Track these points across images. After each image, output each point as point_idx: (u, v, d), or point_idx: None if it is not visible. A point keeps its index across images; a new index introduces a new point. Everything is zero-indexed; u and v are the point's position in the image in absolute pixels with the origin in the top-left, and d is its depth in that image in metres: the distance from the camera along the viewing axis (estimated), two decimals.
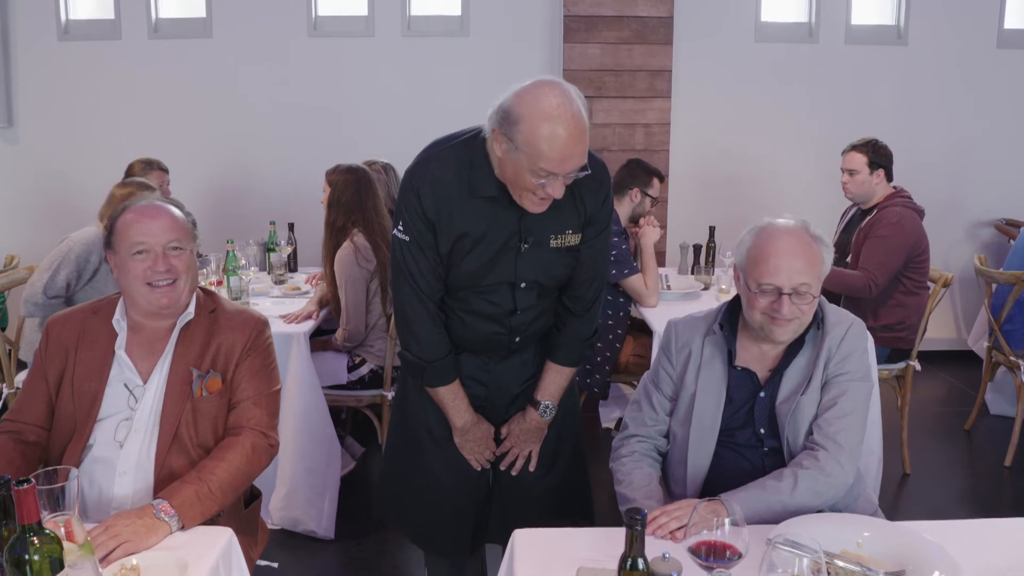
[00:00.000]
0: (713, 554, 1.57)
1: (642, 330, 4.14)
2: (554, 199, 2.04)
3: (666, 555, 1.55)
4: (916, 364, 4.12)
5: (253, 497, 2.35)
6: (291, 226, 4.94)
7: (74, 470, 1.69)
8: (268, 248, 4.67)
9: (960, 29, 5.72)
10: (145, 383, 2.11)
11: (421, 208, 2.11)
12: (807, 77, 5.76)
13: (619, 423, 4.51)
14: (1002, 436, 4.41)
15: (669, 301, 4.07)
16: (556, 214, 2.13)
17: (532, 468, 2.42)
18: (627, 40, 5.45)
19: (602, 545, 1.78)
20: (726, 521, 1.57)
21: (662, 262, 4.42)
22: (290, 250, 4.70)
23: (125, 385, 2.10)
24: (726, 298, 3.98)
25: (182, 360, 2.13)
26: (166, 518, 1.84)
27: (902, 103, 5.80)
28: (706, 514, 1.60)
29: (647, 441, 2.24)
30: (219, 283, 3.98)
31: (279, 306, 3.93)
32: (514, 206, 2.09)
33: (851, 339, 2.09)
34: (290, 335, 3.50)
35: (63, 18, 5.60)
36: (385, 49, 5.67)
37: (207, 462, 2.03)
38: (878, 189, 4.13)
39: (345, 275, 3.63)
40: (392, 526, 2.71)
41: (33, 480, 1.44)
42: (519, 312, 2.24)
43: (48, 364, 2.14)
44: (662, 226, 4.09)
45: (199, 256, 2.24)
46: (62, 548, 1.47)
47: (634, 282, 3.89)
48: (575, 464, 2.53)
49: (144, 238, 2.09)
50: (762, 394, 2.11)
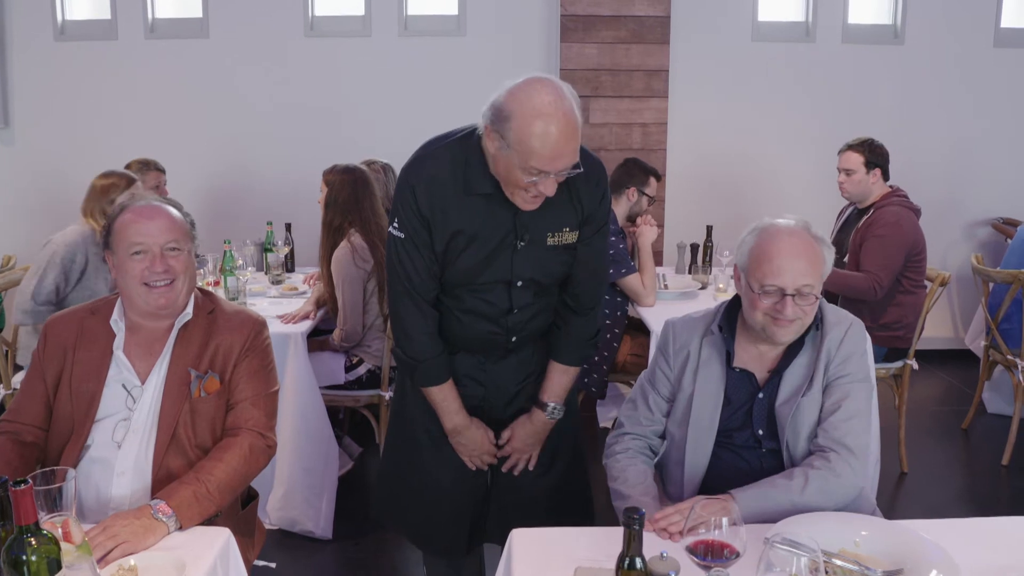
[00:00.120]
0: (711, 553, 1.56)
1: (639, 329, 4.14)
2: (551, 197, 2.03)
3: (664, 554, 1.55)
4: (913, 363, 4.12)
5: (251, 497, 2.34)
6: (288, 226, 4.94)
7: (71, 471, 1.69)
8: (265, 248, 4.67)
9: (957, 28, 5.73)
10: (143, 384, 2.11)
11: (416, 205, 2.11)
12: (804, 76, 5.77)
13: (616, 422, 4.50)
14: (999, 435, 4.41)
15: (666, 300, 4.07)
16: (553, 212, 2.12)
17: (531, 467, 2.42)
18: (624, 40, 5.45)
19: (600, 544, 1.78)
20: (724, 520, 1.57)
21: (659, 261, 4.42)
22: (287, 250, 4.70)
23: (123, 386, 2.10)
24: (723, 297, 4.02)
25: (180, 361, 2.12)
26: (164, 518, 1.83)
27: (899, 102, 5.81)
28: (705, 513, 1.60)
29: (641, 439, 2.24)
30: (216, 283, 3.98)
31: (276, 306, 3.92)
32: (509, 204, 2.09)
33: (851, 340, 2.08)
34: (287, 335, 3.50)
35: (59, 18, 5.59)
36: (382, 49, 5.67)
37: (205, 463, 2.03)
38: (875, 188, 4.13)
39: (342, 275, 3.63)
40: (390, 526, 2.71)
41: (30, 481, 1.44)
42: (516, 311, 2.24)
43: (46, 364, 2.13)
44: (659, 225, 4.09)
45: (196, 257, 2.24)
46: (59, 549, 1.47)
47: (631, 281, 3.89)
48: (574, 464, 2.53)
49: (142, 238, 2.09)
50: (760, 395, 2.10)
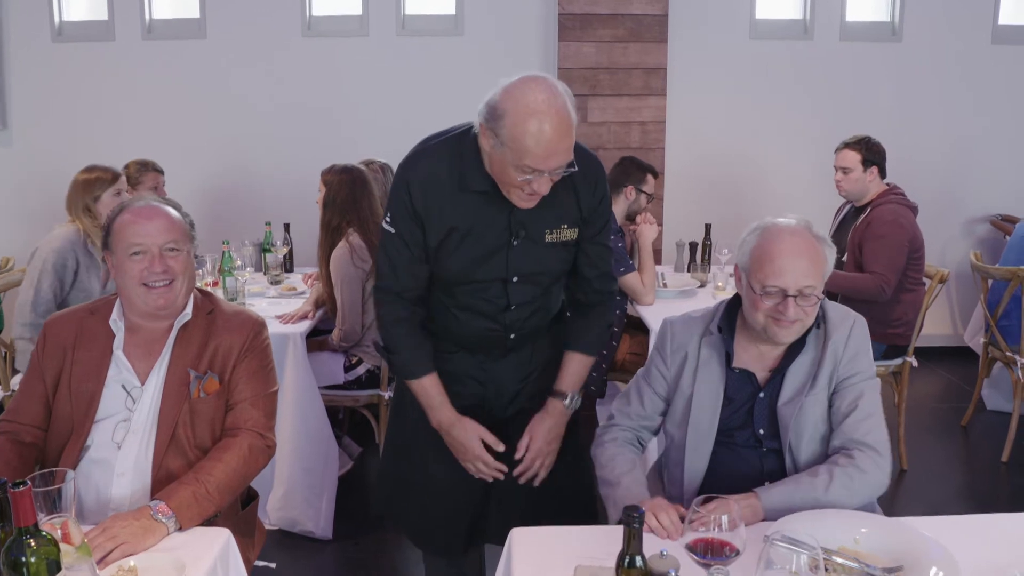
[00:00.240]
0: (711, 551, 1.56)
1: (639, 328, 4.14)
2: (549, 194, 2.03)
3: (664, 553, 1.55)
4: (913, 360, 4.12)
5: (250, 498, 2.34)
6: (287, 226, 4.93)
7: (70, 472, 1.69)
8: (264, 248, 4.66)
9: (955, 25, 5.73)
10: (143, 384, 2.11)
11: (411, 201, 2.12)
12: (802, 74, 5.77)
13: (608, 416, 4.50)
14: (999, 432, 4.42)
15: (665, 299, 4.07)
16: (550, 209, 2.12)
17: (545, 472, 2.33)
18: (622, 38, 5.45)
19: (600, 543, 1.77)
20: (723, 518, 1.57)
21: (658, 260, 4.42)
22: (286, 250, 4.69)
23: (123, 386, 2.10)
24: (722, 295, 4.03)
25: (180, 361, 2.12)
26: (163, 519, 1.83)
27: (897, 99, 5.81)
28: (706, 512, 1.59)
29: (630, 431, 2.24)
30: (215, 284, 3.98)
31: (275, 306, 3.92)
32: (505, 201, 2.08)
33: (856, 338, 2.07)
34: (286, 335, 3.50)
35: (57, 19, 5.59)
36: (380, 49, 5.67)
37: (204, 463, 2.03)
38: (872, 186, 4.13)
39: (341, 275, 3.63)
40: (390, 523, 2.71)
41: (29, 482, 1.44)
42: (513, 308, 2.24)
43: (45, 364, 2.13)
44: (658, 224, 4.09)
45: (195, 257, 2.24)
46: (59, 550, 1.47)
47: (630, 280, 3.89)
48: (576, 463, 2.50)
49: (141, 239, 2.09)
50: (762, 395, 2.09)
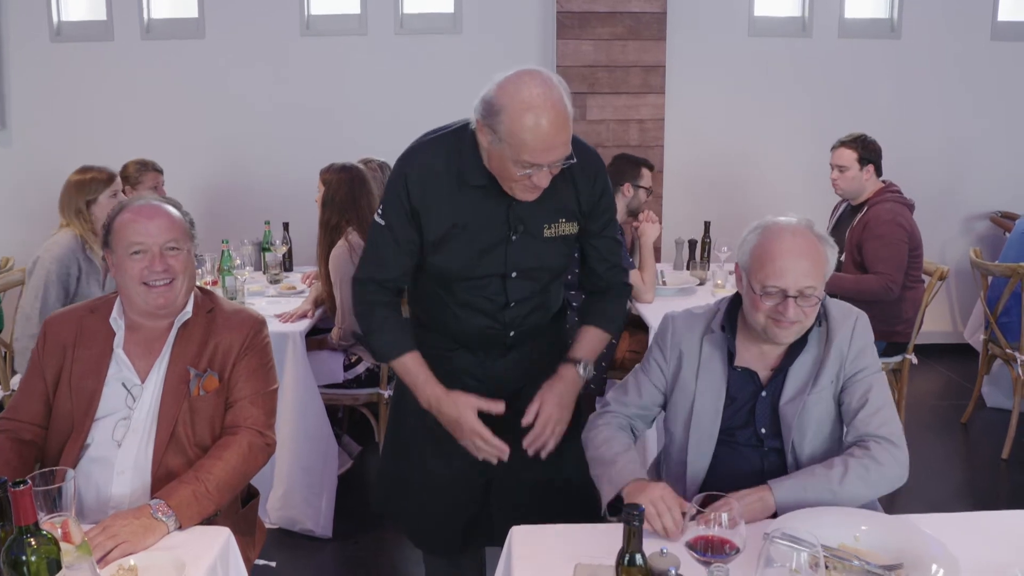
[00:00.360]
0: (711, 549, 1.56)
1: (638, 326, 4.14)
2: (548, 188, 2.03)
3: (664, 551, 1.55)
4: (913, 357, 4.12)
5: (250, 496, 2.34)
6: (286, 225, 4.93)
7: (70, 471, 1.69)
8: (263, 247, 4.66)
9: (954, 22, 5.72)
10: (143, 382, 2.11)
11: (407, 196, 2.11)
12: (801, 71, 5.76)
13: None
14: (999, 429, 4.41)
15: (665, 297, 4.07)
16: (549, 204, 2.12)
17: (551, 449, 2.24)
18: (620, 36, 5.44)
19: (600, 541, 1.77)
20: (723, 516, 1.57)
21: (657, 257, 4.41)
22: (285, 249, 4.69)
23: (123, 384, 2.10)
24: (721, 293, 4.03)
25: (180, 359, 2.12)
26: (163, 518, 1.83)
27: (896, 97, 5.81)
28: (742, 506, 1.59)
29: (624, 417, 2.21)
30: (214, 283, 3.98)
31: (274, 305, 3.92)
32: (503, 195, 2.08)
33: (860, 334, 2.06)
34: (286, 334, 3.50)
35: (55, 19, 5.58)
36: (378, 47, 5.66)
37: (204, 461, 2.03)
38: (868, 185, 4.12)
39: (340, 274, 3.63)
40: (389, 522, 2.70)
41: (30, 481, 1.44)
42: (512, 305, 2.23)
43: (46, 362, 2.13)
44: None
45: (195, 256, 2.24)
46: (59, 549, 1.47)
47: (631, 278, 3.88)
48: (579, 464, 2.48)
49: (141, 238, 2.09)
50: (764, 394, 2.09)
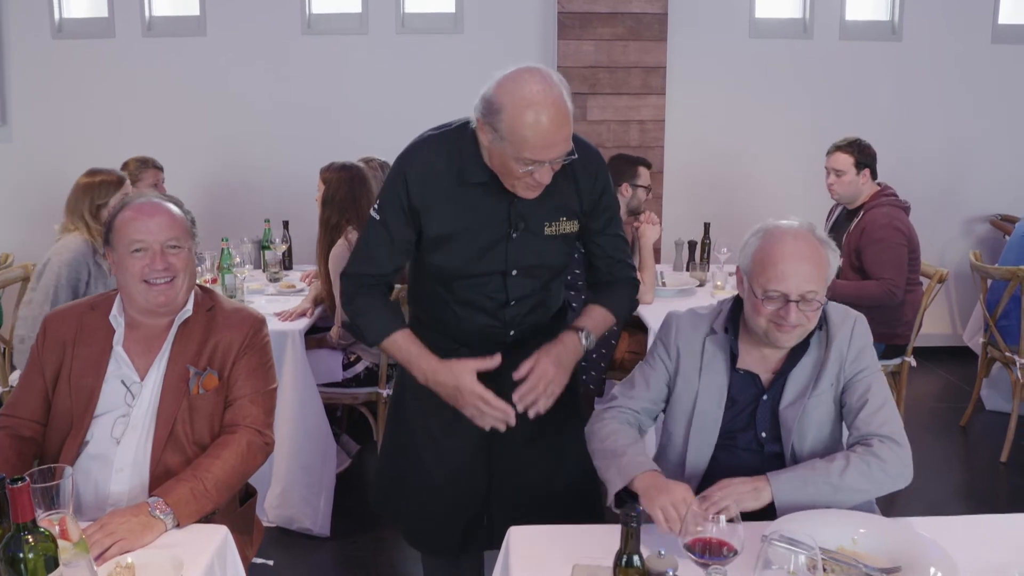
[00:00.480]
0: (709, 551, 1.56)
1: (637, 327, 4.13)
2: (549, 185, 2.03)
3: (662, 552, 1.55)
4: (912, 360, 4.12)
5: (248, 495, 2.34)
6: (286, 224, 4.93)
7: (68, 468, 1.69)
8: (263, 246, 4.66)
9: (955, 24, 5.73)
10: (142, 380, 2.11)
11: (407, 194, 2.11)
12: (802, 73, 5.76)
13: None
14: (998, 432, 4.42)
15: (665, 298, 4.07)
16: (550, 201, 2.12)
17: (546, 404, 2.14)
18: (621, 36, 5.44)
19: (598, 542, 1.77)
20: (722, 518, 1.57)
21: (657, 258, 4.41)
22: (285, 248, 4.69)
23: (122, 382, 2.10)
24: (721, 294, 4.03)
25: (179, 357, 2.12)
26: (161, 516, 1.83)
27: (897, 99, 5.81)
28: (736, 493, 1.58)
29: (630, 412, 2.16)
30: (214, 281, 3.98)
31: (274, 304, 3.92)
32: (504, 193, 2.08)
33: (859, 336, 2.06)
34: (285, 333, 3.50)
35: (57, 16, 5.58)
36: (379, 47, 5.66)
37: (203, 460, 2.03)
38: (864, 189, 4.13)
39: (339, 272, 3.62)
40: (387, 521, 2.70)
41: (28, 478, 1.43)
42: (513, 303, 2.23)
43: (45, 359, 2.13)
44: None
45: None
46: (57, 546, 1.47)
47: None
48: (581, 465, 2.42)
49: (142, 236, 2.09)
50: (765, 397, 2.08)
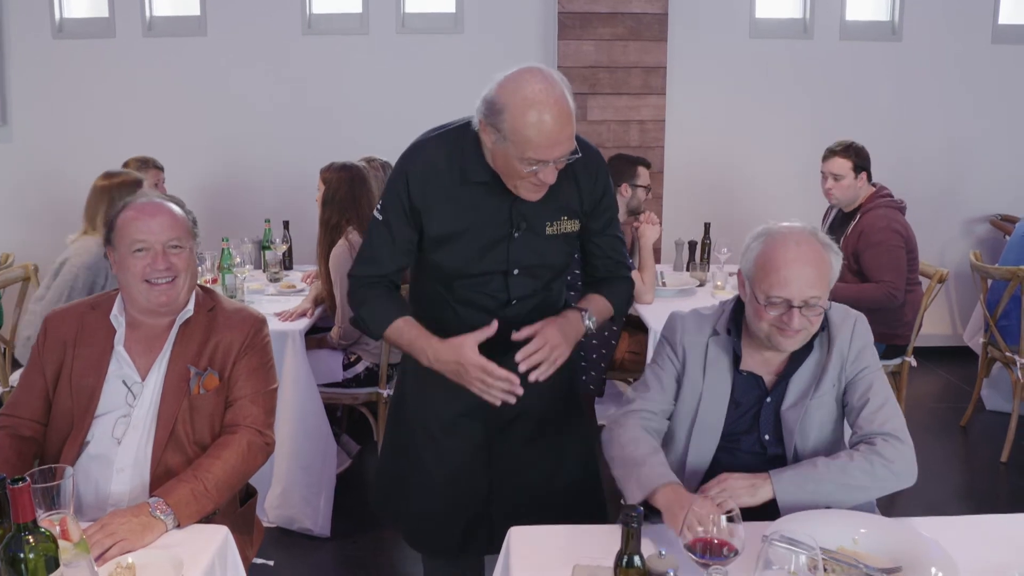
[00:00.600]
0: (709, 551, 1.56)
1: (637, 327, 4.14)
2: (551, 185, 2.02)
3: (662, 552, 1.55)
4: (912, 360, 4.12)
5: (249, 495, 2.34)
6: (286, 224, 4.93)
7: (69, 468, 1.69)
8: (263, 246, 4.66)
9: (955, 25, 5.73)
10: (143, 380, 2.11)
11: (408, 194, 2.11)
12: (802, 73, 5.76)
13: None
14: (998, 432, 4.42)
15: (665, 298, 4.06)
16: (551, 201, 2.11)
17: (542, 377, 2.08)
18: (622, 36, 5.45)
19: (598, 542, 1.77)
20: (722, 518, 1.57)
21: (657, 259, 4.41)
22: (285, 248, 4.69)
23: (123, 382, 2.10)
24: (721, 294, 4.04)
25: (180, 358, 2.13)
26: (162, 516, 1.83)
27: (897, 99, 5.81)
28: (734, 486, 1.58)
29: (650, 419, 2.11)
30: (214, 281, 3.98)
31: (274, 304, 3.91)
32: (506, 192, 2.08)
33: (859, 335, 2.06)
34: (285, 333, 3.50)
35: (57, 16, 5.58)
36: (380, 47, 5.67)
37: (203, 460, 2.03)
38: (861, 192, 4.13)
39: (340, 272, 3.63)
40: (387, 521, 2.70)
41: (28, 479, 1.43)
42: (514, 303, 2.22)
43: (46, 359, 2.13)
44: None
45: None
46: (57, 547, 1.47)
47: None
48: (584, 466, 2.45)
49: (144, 236, 2.09)
50: (768, 399, 2.07)
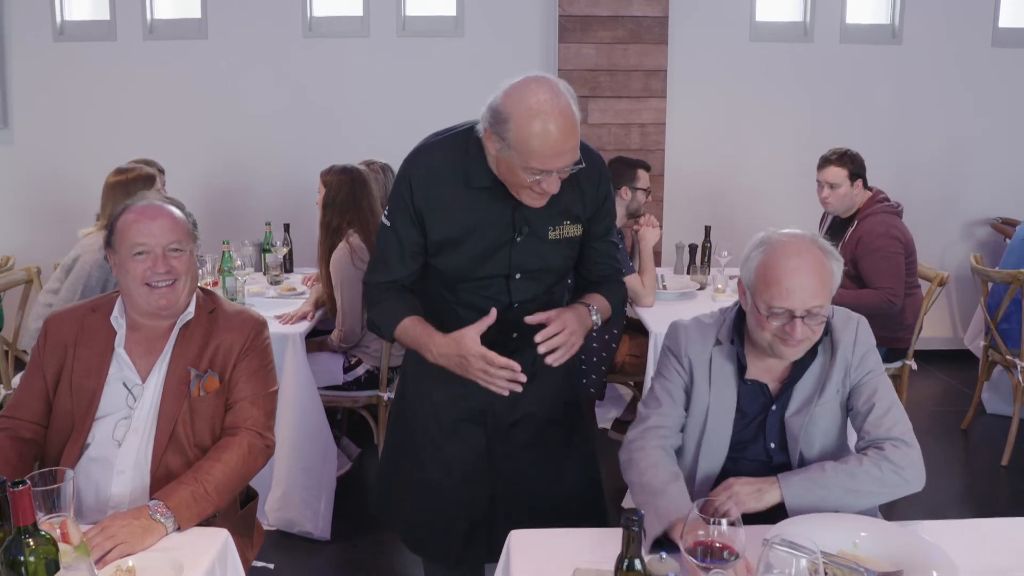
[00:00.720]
0: (710, 555, 1.56)
1: (638, 330, 4.14)
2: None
3: (663, 556, 1.55)
4: (912, 363, 4.12)
5: (249, 498, 2.34)
6: (287, 227, 4.93)
7: (70, 471, 1.69)
8: (264, 249, 4.66)
9: (955, 28, 5.73)
10: (144, 382, 2.11)
11: (411, 197, 2.11)
12: (802, 76, 5.77)
13: (615, 424, 4.50)
14: (999, 435, 4.42)
15: (665, 301, 4.06)
16: (554, 205, 2.11)
17: (559, 361, 2.08)
18: (622, 40, 5.45)
19: (599, 546, 1.77)
20: (723, 521, 1.57)
21: (657, 262, 4.42)
22: (286, 251, 4.69)
23: (124, 384, 2.10)
24: (722, 297, 4.04)
25: (180, 360, 2.13)
26: (162, 519, 1.83)
27: (897, 102, 5.81)
28: (742, 491, 1.57)
29: (666, 438, 2.06)
30: (215, 284, 3.97)
31: (275, 307, 3.90)
32: (509, 197, 2.08)
33: (862, 339, 2.05)
34: (286, 336, 3.50)
35: (58, 19, 5.59)
36: (380, 50, 5.67)
37: (203, 463, 2.03)
38: (858, 198, 4.14)
39: (341, 276, 3.63)
40: (387, 524, 2.70)
41: (28, 482, 1.44)
42: (516, 306, 2.22)
43: (46, 361, 2.13)
44: (659, 226, 4.08)
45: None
46: (57, 549, 1.47)
47: (630, 282, 3.87)
48: (586, 471, 2.44)
49: (144, 239, 2.09)
50: (774, 407, 2.06)
